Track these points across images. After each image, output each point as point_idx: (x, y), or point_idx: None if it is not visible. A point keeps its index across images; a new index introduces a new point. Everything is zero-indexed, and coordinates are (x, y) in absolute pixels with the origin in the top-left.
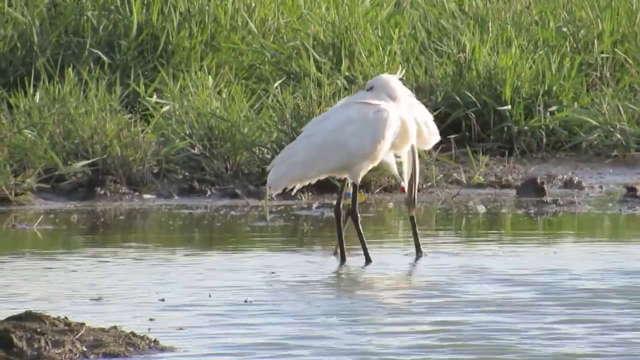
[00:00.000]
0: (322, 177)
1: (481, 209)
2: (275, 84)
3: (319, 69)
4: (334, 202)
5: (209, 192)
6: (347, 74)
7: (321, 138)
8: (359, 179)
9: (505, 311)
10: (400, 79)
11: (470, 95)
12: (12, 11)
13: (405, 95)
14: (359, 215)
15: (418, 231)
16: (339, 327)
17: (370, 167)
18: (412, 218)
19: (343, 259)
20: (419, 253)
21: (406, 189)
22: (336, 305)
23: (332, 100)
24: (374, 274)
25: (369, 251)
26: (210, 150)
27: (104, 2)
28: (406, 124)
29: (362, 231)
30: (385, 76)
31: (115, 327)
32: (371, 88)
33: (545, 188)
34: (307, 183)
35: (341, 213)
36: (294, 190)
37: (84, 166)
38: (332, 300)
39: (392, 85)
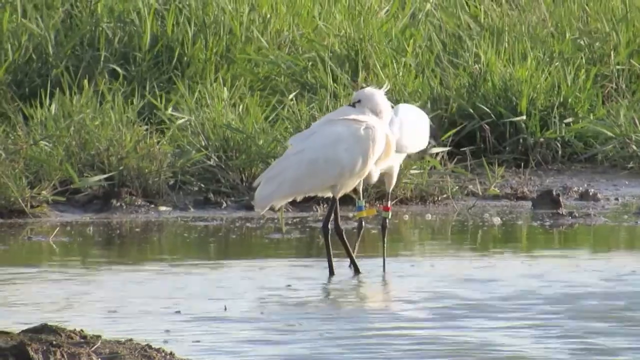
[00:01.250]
0: (309, 194)
1: (497, 220)
2: (291, 96)
3: (334, 80)
4: (350, 214)
5: (224, 204)
6: (363, 85)
7: (312, 155)
8: (340, 194)
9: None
10: (385, 94)
11: (485, 107)
12: (27, 23)
13: (388, 110)
14: (329, 229)
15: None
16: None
17: (356, 183)
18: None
19: (332, 273)
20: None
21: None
22: (351, 320)
23: None
24: (390, 286)
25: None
26: (225, 162)
27: (119, 13)
28: (389, 139)
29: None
30: (369, 90)
31: (131, 340)
32: (358, 101)
33: (561, 200)
34: (291, 200)
35: (329, 231)
36: (277, 208)
37: (99, 179)
38: (347, 316)
39: (376, 100)
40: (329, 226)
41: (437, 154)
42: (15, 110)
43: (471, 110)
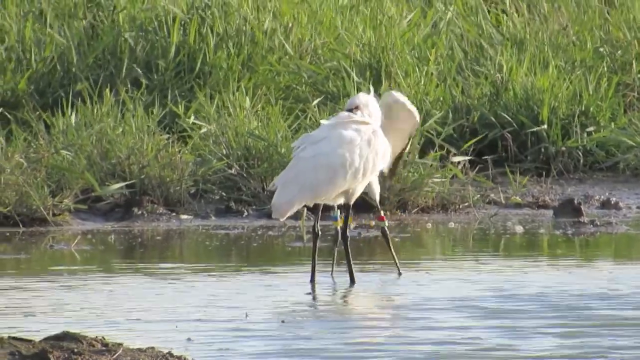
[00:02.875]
0: (324, 201)
1: (519, 229)
2: (313, 103)
3: (356, 89)
4: (371, 222)
5: (245, 213)
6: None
7: (329, 159)
8: (353, 201)
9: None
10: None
11: (507, 116)
12: (51, 32)
13: (380, 116)
14: (348, 236)
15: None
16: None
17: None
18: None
19: (313, 280)
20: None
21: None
22: (370, 327)
23: None
24: (409, 294)
25: (354, 273)
26: (247, 170)
27: (142, 23)
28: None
29: (350, 253)
30: (364, 96)
31: (152, 348)
32: (355, 107)
33: (583, 208)
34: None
35: (319, 235)
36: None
37: (120, 187)
38: (366, 323)
39: (371, 105)
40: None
41: (458, 162)
42: (37, 119)
43: (493, 119)
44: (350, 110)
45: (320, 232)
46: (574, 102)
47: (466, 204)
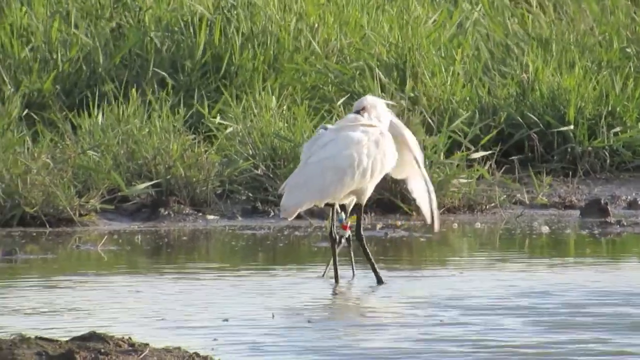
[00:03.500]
0: (333, 201)
1: (545, 229)
2: (339, 102)
3: (382, 89)
4: (398, 222)
5: (272, 213)
6: (410, 94)
7: (336, 161)
8: (365, 201)
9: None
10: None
11: (534, 116)
12: (77, 33)
13: (388, 120)
14: (362, 235)
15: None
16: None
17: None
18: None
19: (337, 280)
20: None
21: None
22: (396, 327)
23: None
24: (437, 295)
25: (379, 272)
26: (273, 170)
27: (167, 23)
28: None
29: (369, 252)
30: (372, 98)
31: (179, 348)
32: (362, 109)
33: (609, 209)
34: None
35: (336, 238)
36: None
37: (147, 187)
38: (392, 323)
39: (380, 108)
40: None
41: (484, 162)
42: (64, 120)
43: (519, 120)
44: (357, 112)
45: (337, 236)
46: (600, 102)
47: (492, 204)
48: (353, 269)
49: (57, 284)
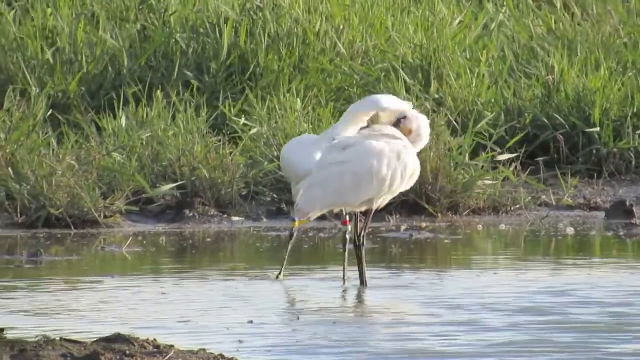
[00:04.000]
0: (346, 207)
1: (570, 230)
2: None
3: (407, 90)
4: (423, 224)
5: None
6: (435, 95)
7: (356, 167)
8: (375, 208)
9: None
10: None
11: (559, 117)
12: (102, 34)
13: (427, 139)
14: (363, 241)
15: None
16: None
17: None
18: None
19: (365, 284)
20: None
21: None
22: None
23: None
24: (460, 295)
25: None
26: None
27: (193, 24)
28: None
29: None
30: (417, 113)
31: (203, 349)
32: (404, 117)
33: (634, 210)
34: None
35: (363, 242)
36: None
37: (171, 188)
38: (412, 322)
39: (421, 124)
40: (359, 238)
41: (509, 163)
42: (89, 121)
43: (545, 121)
44: (398, 119)
45: (363, 240)
46: (625, 103)
47: (517, 205)
48: (282, 269)
49: (81, 285)
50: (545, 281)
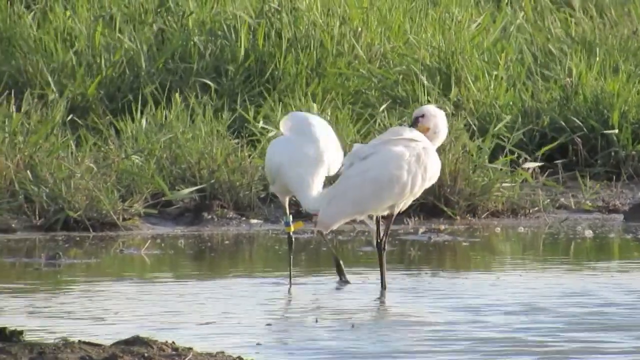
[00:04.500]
0: (369, 214)
1: (589, 233)
2: (382, 107)
3: (425, 93)
4: (441, 227)
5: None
6: (454, 99)
7: (376, 175)
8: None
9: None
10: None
11: (577, 120)
12: (120, 37)
13: (445, 134)
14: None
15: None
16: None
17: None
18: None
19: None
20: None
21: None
22: (436, 327)
23: None
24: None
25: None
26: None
27: (211, 27)
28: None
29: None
30: (434, 109)
31: (222, 352)
32: (422, 116)
33: None
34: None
35: (384, 246)
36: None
37: (191, 192)
38: (432, 323)
39: (439, 120)
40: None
41: (529, 168)
42: (107, 124)
43: (563, 124)
44: (416, 118)
45: (384, 245)
46: None
47: (536, 208)
48: (290, 274)
49: (100, 288)
50: (564, 284)
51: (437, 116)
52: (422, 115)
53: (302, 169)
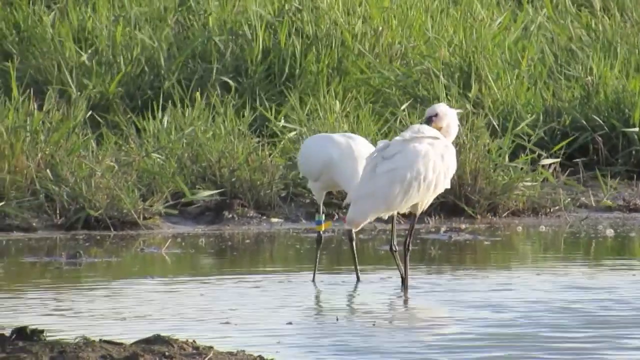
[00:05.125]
0: (395, 212)
1: (609, 232)
2: (403, 107)
3: (446, 92)
4: (462, 225)
5: (336, 216)
6: (475, 98)
7: (404, 173)
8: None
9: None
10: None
11: (598, 119)
12: (140, 35)
13: (456, 132)
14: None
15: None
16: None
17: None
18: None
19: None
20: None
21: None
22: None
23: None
24: (501, 296)
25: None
26: None
27: (231, 26)
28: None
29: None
30: (446, 107)
31: (243, 351)
32: (435, 115)
33: None
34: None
35: (409, 247)
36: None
37: (211, 194)
38: (448, 323)
39: (451, 118)
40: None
41: (549, 165)
42: (128, 123)
43: (584, 122)
44: (429, 117)
45: (409, 246)
46: None
47: (557, 207)
48: (315, 271)
49: (121, 287)
50: (585, 282)
51: (449, 115)
52: (436, 115)
53: (354, 163)
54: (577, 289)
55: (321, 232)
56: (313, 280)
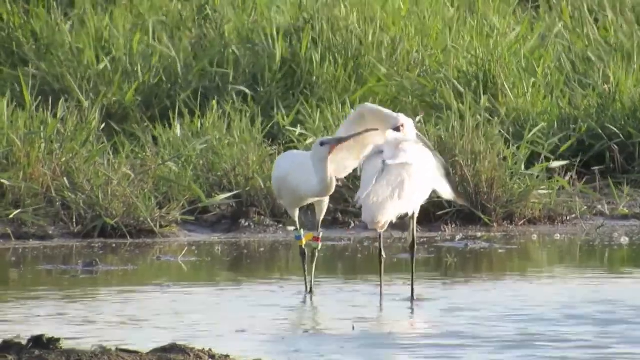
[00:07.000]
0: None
1: (625, 240)
2: (418, 118)
3: (462, 100)
4: (478, 234)
5: (352, 224)
6: (490, 106)
7: (421, 171)
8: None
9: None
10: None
11: (614, 128)
12: (157, 45)
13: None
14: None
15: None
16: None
17: None
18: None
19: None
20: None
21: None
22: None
23: (473, 133)
24: (517, 305)
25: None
26: (353, 182)
27: (248, 35)
28: None
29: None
30: (404, 117)
31: (259, 359)
32: (402, 125)
33: None
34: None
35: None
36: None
37: (227, 198)
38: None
39: (410, 126)
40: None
41: (565, 173)
42: (145, 131)
43: (600, 131)
44: (397, 128)
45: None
46: None
47: (573, 215)
48: (307, 283)
49: (137, 295)
50: (600, 291)
51: (412, 125)
52: (402, 125)
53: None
54: (591, 298)
55: (303, 246)
56: (311, 291)
